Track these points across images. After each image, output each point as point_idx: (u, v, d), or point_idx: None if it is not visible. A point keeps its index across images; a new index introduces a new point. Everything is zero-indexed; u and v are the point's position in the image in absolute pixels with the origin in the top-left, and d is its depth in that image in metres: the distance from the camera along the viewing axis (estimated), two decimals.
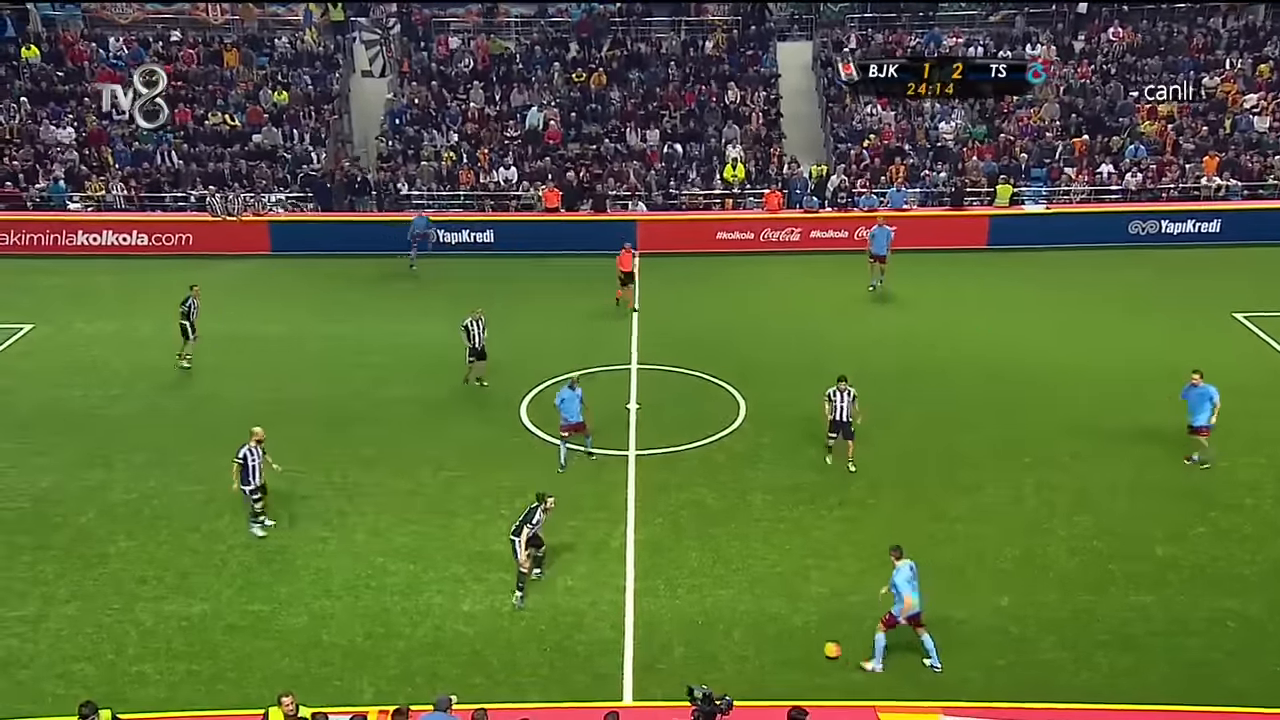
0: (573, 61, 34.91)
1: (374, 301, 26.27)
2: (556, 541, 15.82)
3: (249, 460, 15.89)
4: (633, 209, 31.36)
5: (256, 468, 15.94)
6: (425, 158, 32.32)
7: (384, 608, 14.60)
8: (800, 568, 15.62)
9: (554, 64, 34.60)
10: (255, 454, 15.99)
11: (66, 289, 26.70)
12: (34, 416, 19.82)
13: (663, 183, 32.05)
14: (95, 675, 13.06)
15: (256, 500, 16.06)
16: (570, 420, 18.27)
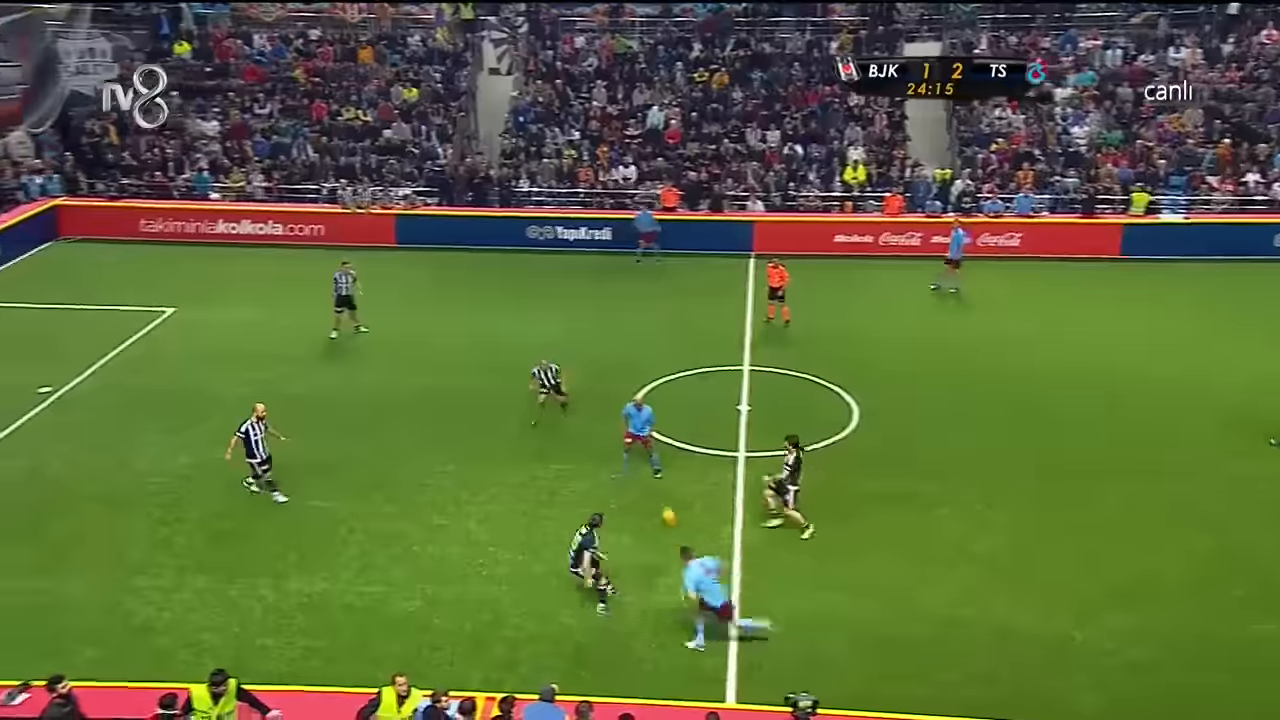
0: (695, 61, 34.94)
1: (493, 296, 26.78)
2: (666, 539, 15.90)
3: (251, 435, 16.77)
4: (750, 209, 31.23)
5: (259, 442, 16.81)
6: (546, 155, 32.81)
7: (493, 597, 14.88)
8: (909, 576, 15.35)
9: (677, 63, 34.69)
10: (257, 430, 16.84)
11: (207, 275, 27.98)
12: (173, 396, 20.83)
13: (781, 184, 31.82)
14: (221, 646, 13.66)
15: (265, 471, 16.92)
16: (633, 433, 18.20)
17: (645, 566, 15.64)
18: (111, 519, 16.59)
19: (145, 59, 35.48)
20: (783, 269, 24.56)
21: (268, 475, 17.06)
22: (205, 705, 11.00)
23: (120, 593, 14.80)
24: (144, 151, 32.69)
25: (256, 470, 17.06)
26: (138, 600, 14.66)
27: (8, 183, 31.02)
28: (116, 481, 17.67)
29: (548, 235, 30.61)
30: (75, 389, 21.12)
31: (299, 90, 34.53)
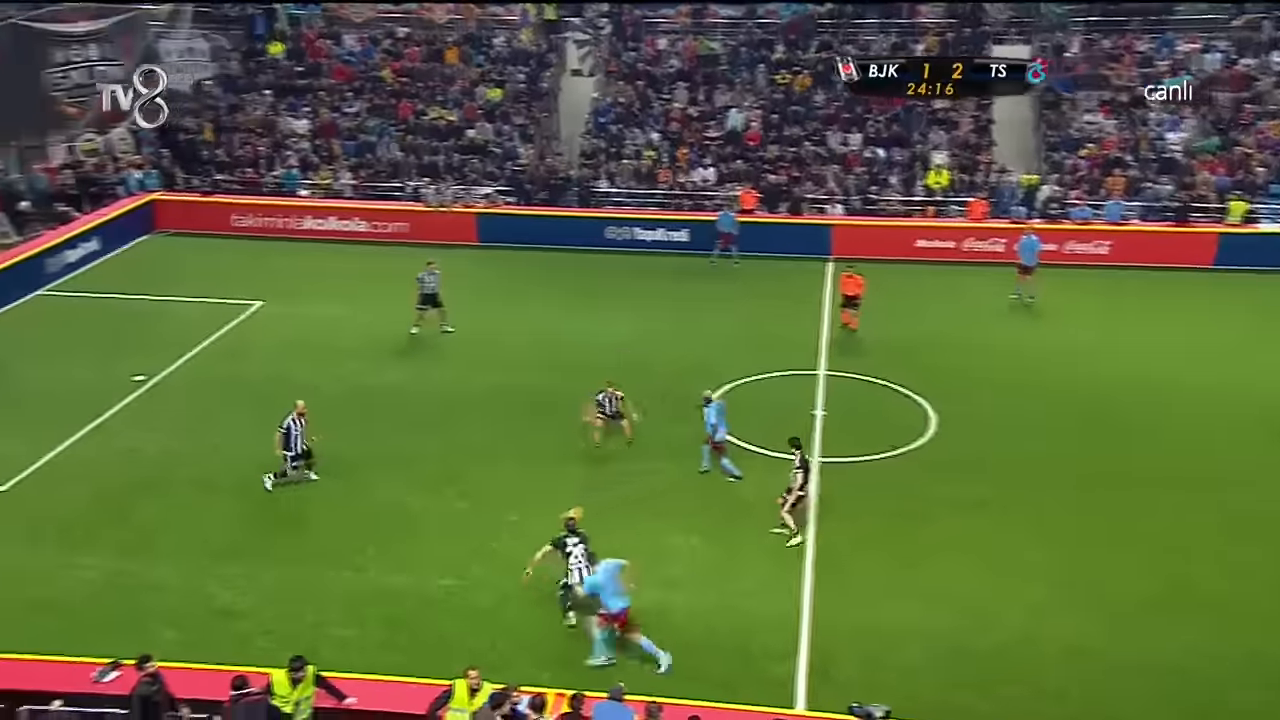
0: (777, 63, 34.72)
1: (569, 295, 26.96)
2: (738, 542, 15.89)
3: (292, 430, 17.23)
4: (830, 213, 30.94)
5: (299, 437, 17.26)
6: (626, 156, 32.92)
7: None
8: (982, 586, 15.10)
9: (759, 65, 34.53)
10: (298, 425, 17.25)
11: (294, 270, 28.67)
12: (260, 387, 21.35)
13: (862, 187, 31.47)
14: (299, 633, 13.96)
15: (294, 464, 17.39)
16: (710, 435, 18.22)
17: (717, 569, 15.63)
18: (198, 505, 17.11)
19: (241, 58, 36.55)
20: (859, 277, 24.22)
21: (296, 471, 17.45)
22: (284, 690, 11.27)
23: (203, 577, 15.24)
24: (237, 149, 33.62)
25: (287, 466, 17.42)
26: (220, 585, 15.08)
27: (109, 177, 32.17)
28: (204, 469, 18.21)
29: (625, 236, 30.71)
30: (168, 378, 21.81)
31: (386, 90, 35.16)
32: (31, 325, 24.74)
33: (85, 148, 32.93)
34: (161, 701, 11.37)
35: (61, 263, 27.65)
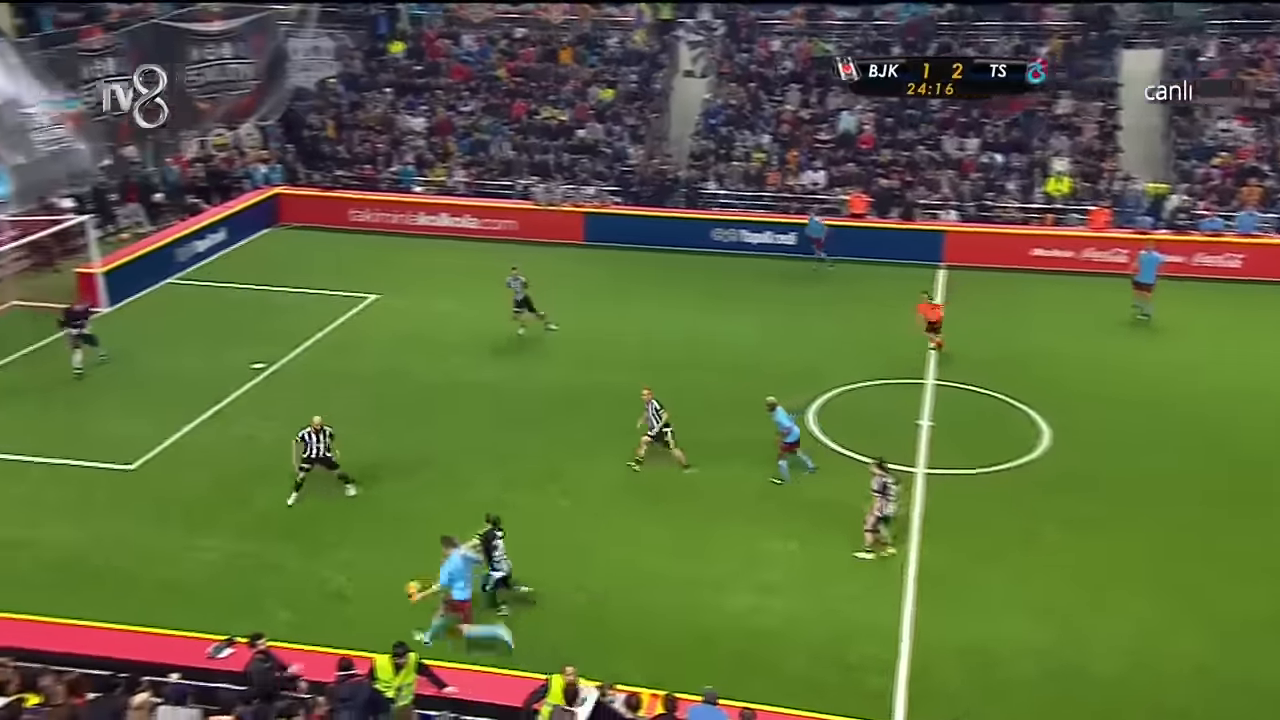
0: None
1: (674, 296, 27.00)
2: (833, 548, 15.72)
3: (309, 441, 17.12)
4: (943, 219, 30.33)
5: (317, 448, 17.13)
6: (735, 158, 32.84)
7: (658, 597, 15.04)
8: (1093, 603, 14.68)
9: None
10: (311, 439, 17.12)
11: (407, 265, 29.41)
12: (372, 379, 22.02)
13: (978, 193, 30.75)
14: (400, 621, 14.22)
15: (303, 472, 17.19)
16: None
17: (816, 575, 15.50)
18: (310, 493, 17.66)
19: (363, 57, 37.67)
20: (938, 304, 23.24)
21: (303, 476, 17.26)
22: (387, 675, 11.59)
23: (316, 563, 15.77)
24: (357, 145, 34.66)
25: (298, 474, 17.26)
26: (331, 569, 15.59)
27: (236, 171, 33.52)
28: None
29: (732, 238, 30.63)
30: (285, 366, 22.62)
31: (501, 89, 35.79)
32: (161, 312, 25.95)
33: (216, 142, 34.44)
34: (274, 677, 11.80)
35: (190, 252, 28.93)
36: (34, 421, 19.97)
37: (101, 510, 17.07)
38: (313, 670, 12.25)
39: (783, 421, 17.85)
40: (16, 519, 16.77)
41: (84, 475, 18.11)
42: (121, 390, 21.35)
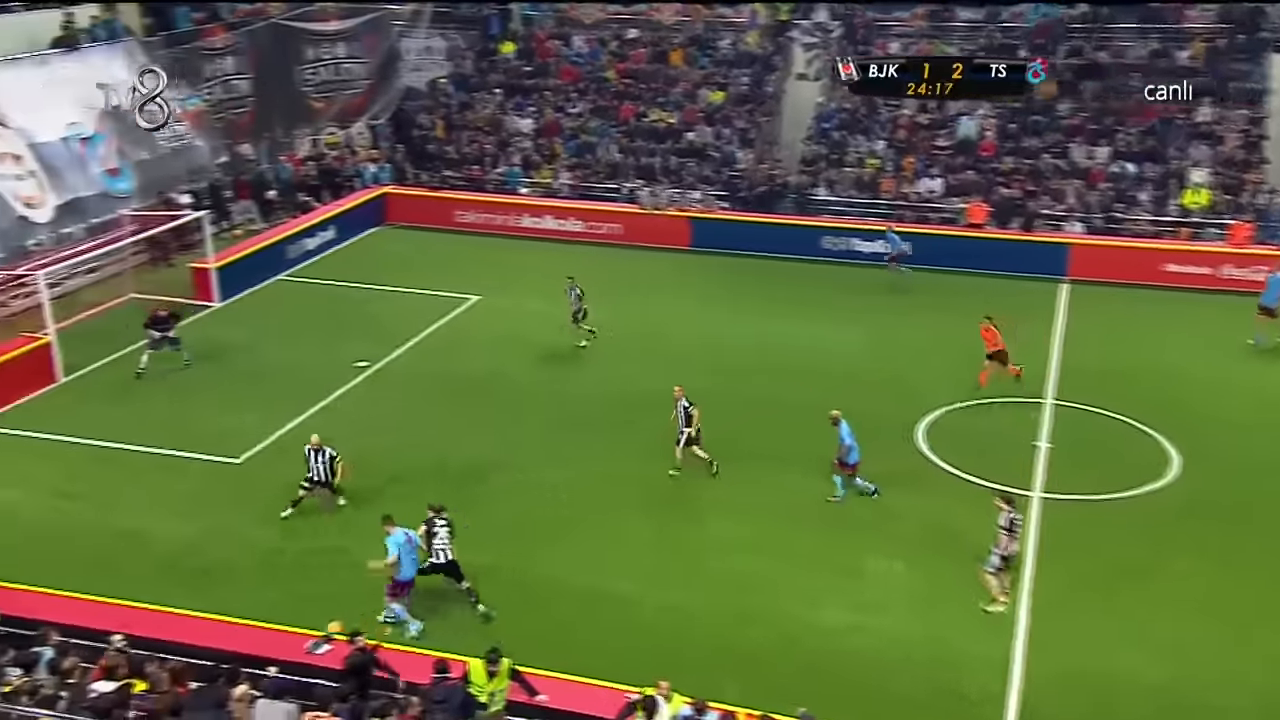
0: None
1: (779, 304, 26.80)
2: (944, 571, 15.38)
3: (310, 459, 17.02)
4: (1067, 230, 29.46)
5: (320, 466, 16.98)
6: (848, 164, 32.45)
7: (751, 609, 14.95)
8: (1223, 639, 14.12)
9: None
10: (311, 456, 16.99)
11: (510, 266, 29.85)
12: (472, 380, 22.39)
13: (1106, 205, 29.76)
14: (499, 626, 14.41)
15: (304, 490, 17.04)
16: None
17: (920, 597, 15.21)
18: (408, 489, 18.03)
19: (474, 57, 38.44)
20: (996, 330, 21.38)
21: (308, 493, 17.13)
22: (480, 680, 11.77)
23: None
24: (465, 146, 35.37)
25: (299, 491, 17.15)
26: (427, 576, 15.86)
27: (347, 169, 34.54)
28: (415, 457, 19.19)
29: (842, 246, 30.24)
30: (388, 365, 23.19)
31: (610, 90, 36.11)
32: (270, 308, 26.88)
33: (328, 141, 35.54)
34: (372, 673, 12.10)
35: (301, 250, 29.91)
36: (146, 413, 20.87)
37: (209, 503, 17.74)
38: (407, 671, 12.52)
39: (845, 439, 17.45)
40: (129, 509, 17.54)
41: (193, 467, 18.86)
42: (229, 384, 22.18)
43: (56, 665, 11.37)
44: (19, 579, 14.56)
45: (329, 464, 17.10)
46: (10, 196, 24.55)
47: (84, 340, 23.36)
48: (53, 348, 22.08)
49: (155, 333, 22.20)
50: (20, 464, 19.02)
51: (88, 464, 18.90)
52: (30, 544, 16.49)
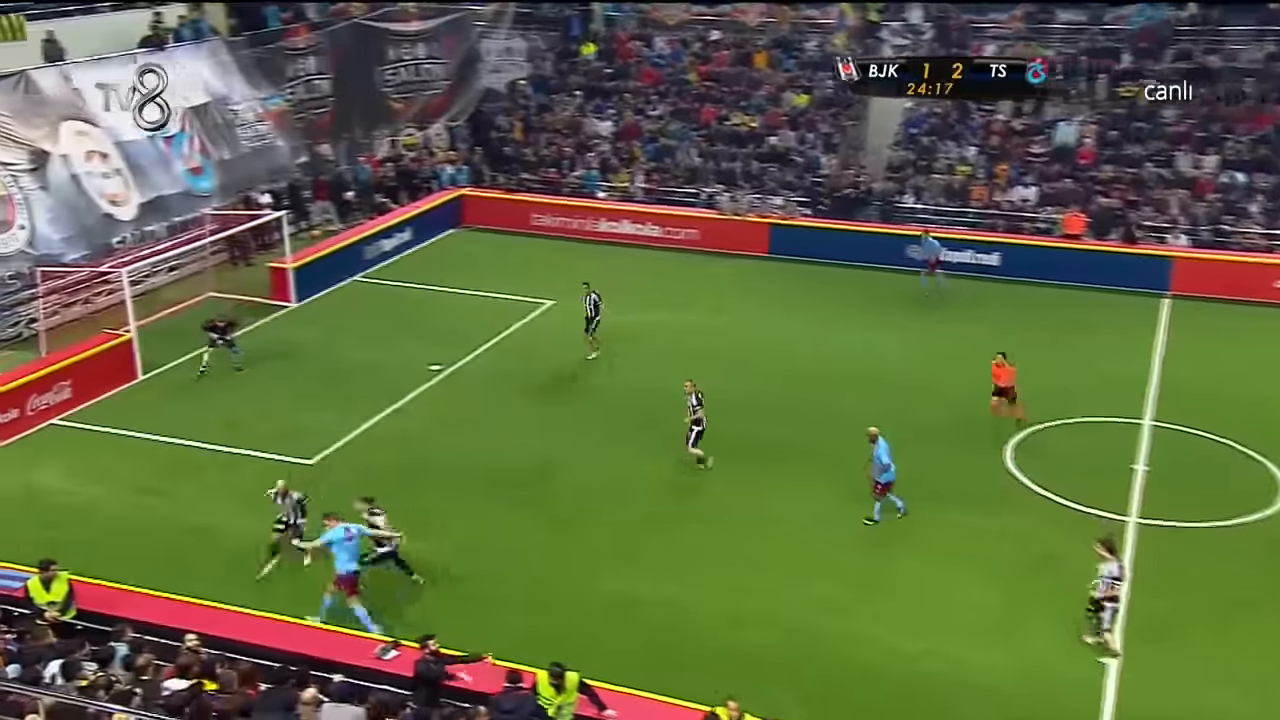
0: (1123, 73, 32.55)
1: (860, 314, 26.53)
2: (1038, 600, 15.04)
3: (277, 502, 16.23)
4: (1170, 243, 28.64)
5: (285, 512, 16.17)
6: (937, 170, 31.98)
7: (822, 629, 14.81)
8: None
9: (1099, 75, 32.46)
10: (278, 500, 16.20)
11: (585, 271, 29.89)
12: (545, 385, 22.58)
13: (1214, 217, 28.87)
14: (556, 634, 14.43)
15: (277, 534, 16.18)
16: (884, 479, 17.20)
17: (1012, 626, 14.91)
18: (473, 494, 18.26)
19: (555, 59, 38.78)
20: (1009, 366, 20.31)
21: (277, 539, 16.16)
22: (548, 694, 11.80)
23: (481, 566, 16.25)
24: (543, 148, 35.68)
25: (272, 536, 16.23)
26: (493, 580, 15.99)
27: (425, 171, 35.08)
28: (488, 463, 19.39)
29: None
30: (461, 369, 23.46)
31: (691, 93, 36.12)
32: (346, 309, 27.38)
33: (406, 142, 36.13)
34: (442, 683, 12.22)
35: (377, 251, 30.43)
36: (222, 412, 21.37)
37: None
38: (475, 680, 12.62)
39: (881, 457, 17.03)
40: (203, 507, 17.99)
41: (267, 466, 19.24)
42: (304, 384, 22.64)
43: (131, 661, 11.68)
44: (97, 574, 15.00)
45: (297, 507, 16.30)
46: (97, 194, 25.34)
47: (162, 338, 24.05)
48: (134, 345, 22.78)
49: (214, 335, 22.72)
50: (102, 460, 19.64)
51: (165, 461, 19.44)
52: (109, 539, 17.02)
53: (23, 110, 24.06)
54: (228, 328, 22.93)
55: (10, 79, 24.03)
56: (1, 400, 20.34)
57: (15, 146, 23.76)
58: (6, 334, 24.30)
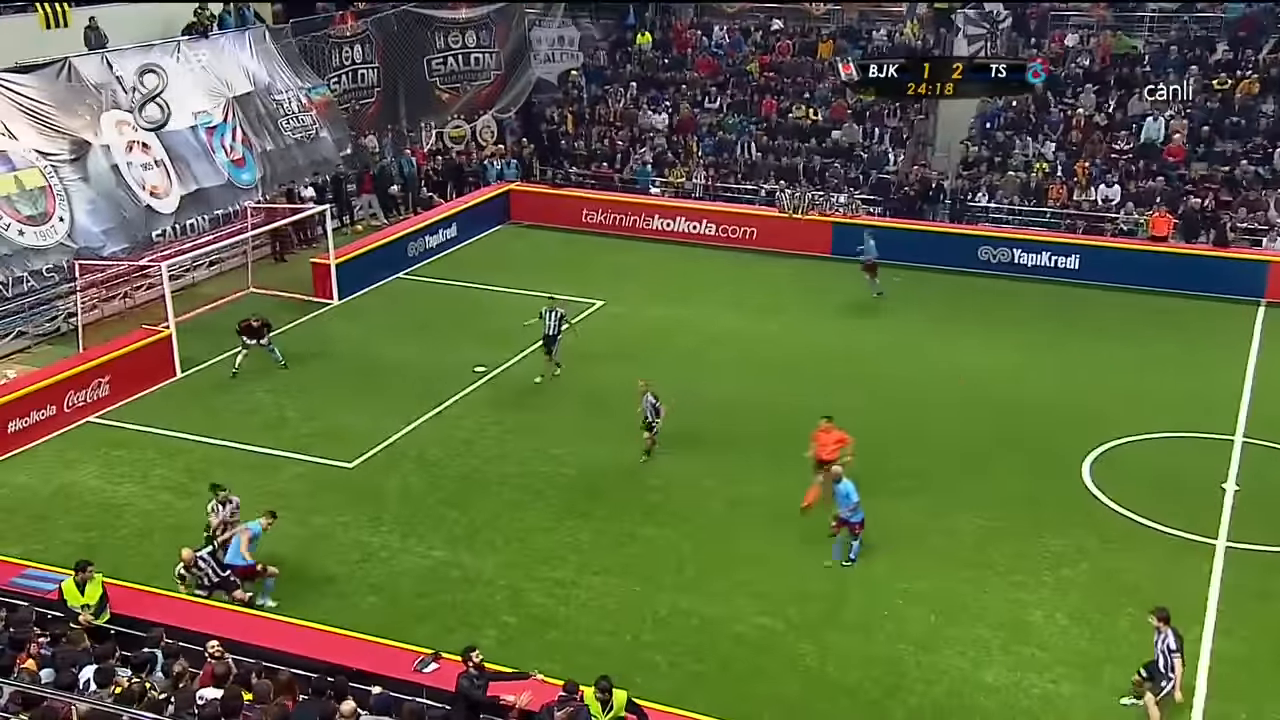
0: (1217, 65, 31.92)
1: (929, 322, 26.23)
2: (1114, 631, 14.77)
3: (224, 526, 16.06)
4: (1267, 247, 28.04)
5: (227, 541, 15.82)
6: (1013, 167, 31.59)
7: (896, 655, 14.66)
8: None
9: (1191, 67, 31.87)
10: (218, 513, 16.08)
11: (638, 270, 30.01)
12: (592, 390, 22.54)
13: None
14: (612, 652, 14.56)
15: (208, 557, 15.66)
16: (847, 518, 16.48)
17: (1085, 657, 14.65)
18: (524, 503, 18.34)
19: (609, 48, 38.88)
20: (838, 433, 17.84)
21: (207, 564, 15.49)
22: (596, 711, 11.79)
23: (524, 579, 16.32)
24: (596, 141, 35.77)
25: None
26: (538, 589, 16.08)
27: (472, 164, 35.32)
28: (533, 470, 19.49)
29: (1002, 258, 29.44)
30: (507, 370, 23.57)
31: (751, 84, 36.01)
32: (389, 307, 27.64)
33: (454, 134, 36.39)
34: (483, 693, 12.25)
35: (422, 247, 30.70)
36: (259, 412, 21.70)
37: (319, 508, 18.30)
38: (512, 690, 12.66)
39: (851, 496, 16.34)
40: (241, 511, 18.22)
41: (306, 470, 19.52)
42: (344, 385, 22.88)
43: (167, 669, 11.87)
44: (130, 577, 15.27)
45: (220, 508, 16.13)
46: (138, 186, 25.80)
47: (202, 335, 24.46)
48: (172, 341, 23.17)
49: (249, 340, 22.92)
50: (138, 459, 19.99)
51: (202, 462, 19.72)
52: (141, 540, 17.36)
53: (65, 100, 24.60)
54: (262, 328, 23.15)
55: (53, 67, 24.58)
56: (39, 397, 20.81)
57: (57, 136, 24.30)
58: (44, 328, 24.85)
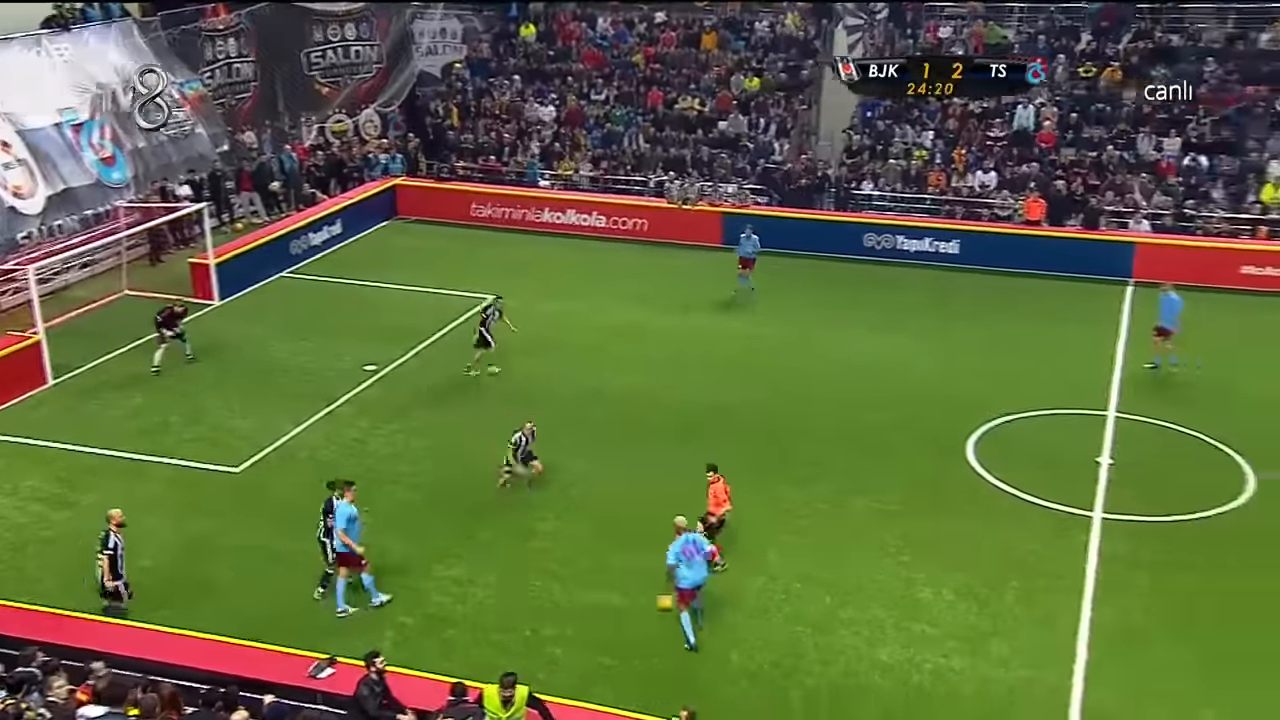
0: (1082, 54, 33.09)
1: (818, 307, 26.67)
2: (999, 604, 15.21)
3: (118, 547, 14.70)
4: (1133, 229, 29.17)
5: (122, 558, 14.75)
6: (893, 155, 32.28)
7: (794, 637, 14.87)
8: None
9: (1059, 56, 32.97)
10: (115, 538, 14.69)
11: (529, 263, 29.84)
12: (488, 386, 22.39)
13: (1177, 201, 29.44)
14: (512, 648, 14.50)
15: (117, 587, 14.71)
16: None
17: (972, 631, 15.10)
18: (419, 503, 18.11)
19: (493, 40, 38.53)
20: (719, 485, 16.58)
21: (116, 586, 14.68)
22: (495, 707, 11.68)
23: (421, 579, 16.12)
24: (482, 135, 35.45)
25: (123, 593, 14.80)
26: (435, 588, 15.90)
27: (355, 160, 34.66)
28: (429, 470, 19.26)
29: (886, 245, 30.07)
30: (399, 368, 23.22)
31: (637, 76, 36.09)
32: (273, 307, 27.00)
33: (336, 129, 35.70)
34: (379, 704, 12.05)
35: (305, 245, 30.04)
36: (140, 418, 20.98)
37: (205, 514, 17.80)
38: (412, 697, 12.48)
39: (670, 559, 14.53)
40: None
41: (190, 476, 18.95)
42: (229, 388, 22.27)
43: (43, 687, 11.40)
44: (2, 593, 14.63)
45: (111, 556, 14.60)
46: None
47: (74, 339, 23.56)
48: (42, 348, 22.26)
49: (167, 331, 22.39)
50: (6, 469, 19.16)
51: (76, 472, 19.02)
52: (13, 554, 16.66)
53: None
54: (176, 317, 22.61)
55: None
56: None
57: None
58: None
